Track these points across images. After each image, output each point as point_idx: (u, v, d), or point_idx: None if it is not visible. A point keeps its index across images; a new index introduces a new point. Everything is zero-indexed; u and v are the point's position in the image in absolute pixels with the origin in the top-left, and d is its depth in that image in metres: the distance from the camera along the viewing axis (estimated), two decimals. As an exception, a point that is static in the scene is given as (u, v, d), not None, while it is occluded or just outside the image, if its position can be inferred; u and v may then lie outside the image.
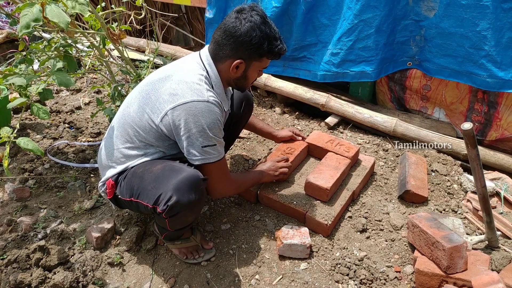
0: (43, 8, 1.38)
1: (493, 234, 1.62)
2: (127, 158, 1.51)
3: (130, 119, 1.50)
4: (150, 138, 1.48)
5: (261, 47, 1.42)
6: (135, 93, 1.56)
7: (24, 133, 2.53)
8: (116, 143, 1.53)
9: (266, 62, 1.51)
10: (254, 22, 1.39)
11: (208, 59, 1.49)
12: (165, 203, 1.34)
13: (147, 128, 1.46)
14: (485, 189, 1.51)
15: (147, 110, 1.45)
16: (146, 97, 1.47)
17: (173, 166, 1.43)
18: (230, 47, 1.43)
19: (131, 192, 1.45)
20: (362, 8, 2.29)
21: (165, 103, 1.41)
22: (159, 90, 1.44)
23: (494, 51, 2.04)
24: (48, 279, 1.53)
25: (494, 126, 2.32)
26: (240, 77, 1.52)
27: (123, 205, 1.57)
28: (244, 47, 1.42)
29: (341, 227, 1.80)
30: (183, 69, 1.49)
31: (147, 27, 3.80)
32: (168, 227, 1.47)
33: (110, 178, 1.53)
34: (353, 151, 2.01)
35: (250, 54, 1.44)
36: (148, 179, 1.41)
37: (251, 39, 1.39)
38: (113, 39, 1.95)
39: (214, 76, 1.49)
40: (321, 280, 1.56)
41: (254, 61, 1.47)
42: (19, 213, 1.90)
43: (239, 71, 1.48)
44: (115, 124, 1.57)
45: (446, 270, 1.43)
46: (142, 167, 1.47)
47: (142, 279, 1.59)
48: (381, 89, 2.72)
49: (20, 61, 1.87)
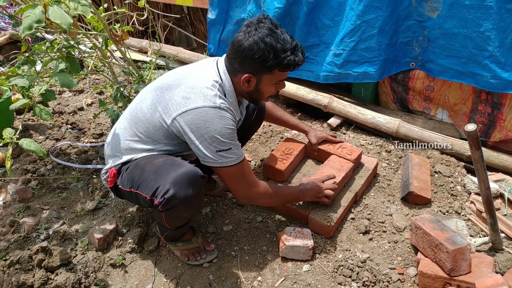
0: (46, 9, 1.39)
1: (497, 236, 1.60)
2: (133, 150, 1.52)
3: (142, 114, 1.51)
4: (160, 135, 1.49)
5: (266, 60, 1.37)
6: (150, 88, 1.56)
7: (27, 134, 2.53)
8: (124, 135, 1.54)
9: (280, 74, 1.45)
10: (258, 35, 1.36)
11: (224, 69, 1.49)
12: (162, 195, 1.34)
13: (157, 126, 1.47)
14: (489, 191, 1.50)
15: (159, 109, 1.46)
16: (160, 95, 1.47)
17: (175, 160, 1.44)
18: (238, 61, 1.43)
19: (131, 183, 1.46)
20: (364, 9, 2.28)
21: (177, 105, 1.41)
22: (173, 91, 1.45)
23: (498, 52, 2.03)
24: (51, 280, 1.53)
25: (498, 127, 2.31)
26: (253, 91, 1.50)
27: (123, 195, 1.58)
28: (249, 62, 1.40)
29: (343, 228, 1.79)
30: (199, 73, 1.49)
31: (149, 28, 3.81)
32: (165, 223, 1.47)
33: (113, 167, 1.54)
34: (356, 154, 2.00)
35: (257, 68, 1.41)
36: (148, 171, 1.42)
37: (253, 53, 1.37)
38: (115, 40, 1.95)
39: (228, 85, 1.48)
40: (324, 282, 1.55)
41: (265, 74, 1.43)
42: (22, 214, 1.90)
43: (251, 85, 1.47)
44: (126, 116, 1.58)
45: (450, 273, 1.42)
46: (145, 159, 1.48)
47: (144, 281, 1.58)
48: (384, 90, 2.71)
49: (23, 62, 1.87)
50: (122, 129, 1.56)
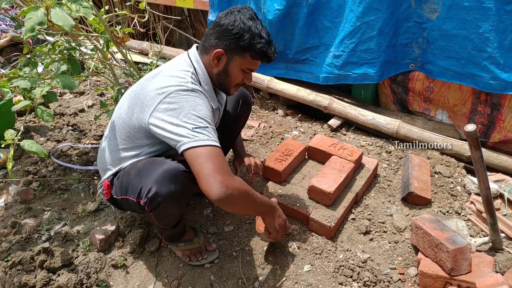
0: (48, 11, 1.39)
1: (497, 236, 1.61)
2: (120, 160, 1.53)
3: (121, 120, 1.51)
4: (141, 137, 1.49)
5: (241, 38, 1.41)
6: (126, 95, 1.58)
7: (28, 135, 2.54)
8: (110, 146, 1.55)
9: (251, 62, 1.47)
10: (240, 16, 1.43)
11: (196, 56, 1.51)
12: (145, 195, 1.34)
13: (137, 128, 1.46)
14: (489, 191, 1.50)
15: (136, 110, 1.45)
16: (135, 97, 1.48)
17: (155, 159, 1.44)
18: (214, 36, 1.46)
19: (121, 190, 1.47)
20: (364, 11, 2.29)
21: (151, 100, 1.40)
22: (146, 88, 1.45)
23: (497, 53, 2.04)
24: (52, 281, 1.53)
25: (497, 128, 2.32)
26: (222, 71, 1.49)
27: (120, 205, 1.59)
28: (226, 36, 1.43)
29: (344, 229, 1.80)
30: (170, 67, 1.50)
31: (150, 30, 3.82)
32: (156, 222, 1.48)
33: (106, 179, 1.55)
34: (357, 155, 2.01)
35: (231, 45, 1.43)
36: (132, 174, 1.42)
37: (232, 28, 1.41)
38: (116, 42, 1.96)
39: (202, 72, 1.50)
40: (325, 282, 1.56)
41: (236, 55, 1.45)
42: (23, 215, 1.90)
43: (220, 63, 1.47)
44: (109, 127, 1.60)
45: (450, 272, 1.43)
46: (131, 165, 1.49)
47: (146, 281, 1.59)
48: (384, 91, 2.72)
49: (25, 64, 1.88)
50: (107, 140, 1.58)
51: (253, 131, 2.60)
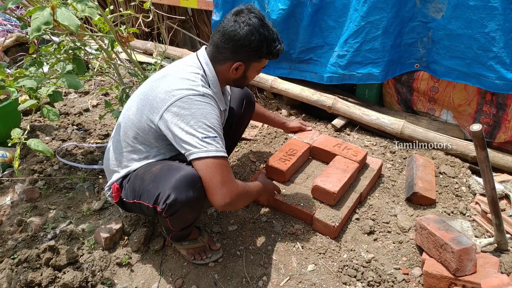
0: (54, 11, 1.40)
1: (503, 237, 1.60)
2: (129, 161, 1.53)
3: (130, 121, 1.51)
4: (150, 139, 1.49)
5: (260, 49, 1.46)
6: (134, 96, 1.58)
7: (33, 135, 2.56)
8: (119, 148, 1.55)
9: (265, 62, 1.56)
10: (252, 25, 1.42)
11: (206, 59, 1.52)
12: (163, 201, 1.34)
13: (146, 129, 1.47)
14: (494, 191, 1.49)
15: (145, 111, 1.46)
16: (144, 99, 1.48)
17: (172, 165, 1.44)
18: (230, 50, 1.46)
19: (133, 194, 1.46)
20: (369, 10, 2.29)
21: (161, 101, 1.41)
22: (156, 90, 1.45)
23: (503, 53, 2.03)
24: (58, 278, 1.54)
25: (503, 128, 2.31)
26: (240, 77, 1.56)
27: (130, 208, 1.59)
28: (244, 51, 1.45)
29: (348, 229, 1.80)
30: (179, 68, 1.51)
31: (154, 30, 3.83)
32: (171, 227, 1.48)
33: (115, 182, 1.55)
34: (361, 155, 2.00)
35: (249, 57, 1.48)
36: (148, 179, 1.42)
37: (250, 42, 1.43)
38: (121, 41, 1.97)
39: (212, 75, 1.51)
40: (329, 281, 1.56)
41: (254, 62, 1.52)
42: (29, 214, 1.92)
43: (238, 72, 1.53)
44: (116, 129, 1.60)
45: (455, 273, 1.42)
46: (143, 169, 1.48)
47: (150, 280, 1.59)
48: (388, 91, 2.71)
49: (30, 64, 1.89)
50: (115, 143, 1.58)
51: (257, 130, 2.60)
